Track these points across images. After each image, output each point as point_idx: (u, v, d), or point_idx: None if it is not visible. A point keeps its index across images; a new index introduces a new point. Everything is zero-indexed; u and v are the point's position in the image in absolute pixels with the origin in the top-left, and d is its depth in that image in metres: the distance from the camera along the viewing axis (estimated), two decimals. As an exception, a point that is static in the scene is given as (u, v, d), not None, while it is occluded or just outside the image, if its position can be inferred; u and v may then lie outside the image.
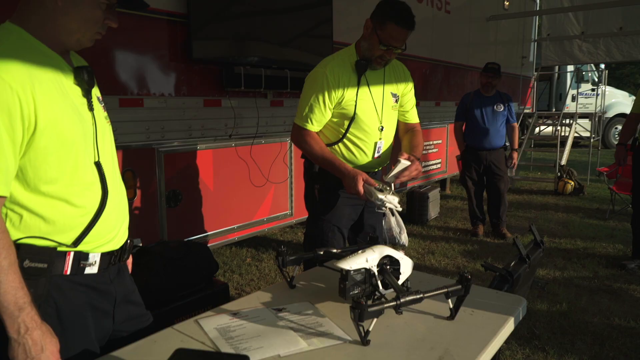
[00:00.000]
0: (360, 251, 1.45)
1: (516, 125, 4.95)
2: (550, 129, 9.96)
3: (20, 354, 1.05)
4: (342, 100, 2.09)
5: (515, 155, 5.00)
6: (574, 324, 2.94)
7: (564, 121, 8.75)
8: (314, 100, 2.08)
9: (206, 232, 3.27)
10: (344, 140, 2.16)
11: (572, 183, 6.94)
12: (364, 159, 2.20)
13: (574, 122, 8.65)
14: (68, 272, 1.19)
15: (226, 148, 3.34)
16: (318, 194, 2.24)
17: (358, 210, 2.28)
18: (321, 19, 3.86)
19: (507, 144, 5.01)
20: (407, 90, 2.30)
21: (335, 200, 2.21)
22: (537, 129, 9.93)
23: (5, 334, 1.05)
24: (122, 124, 2.71)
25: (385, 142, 2.24)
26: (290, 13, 3.61)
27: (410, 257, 4.48)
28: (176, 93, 3.04)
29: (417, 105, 2.43)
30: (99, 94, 1.32)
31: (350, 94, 2.09)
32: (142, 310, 1.44)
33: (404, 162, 1.97)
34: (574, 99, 11.36)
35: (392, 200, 1.85)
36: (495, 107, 4.71)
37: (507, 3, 7.86)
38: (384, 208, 1.85)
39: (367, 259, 1.42)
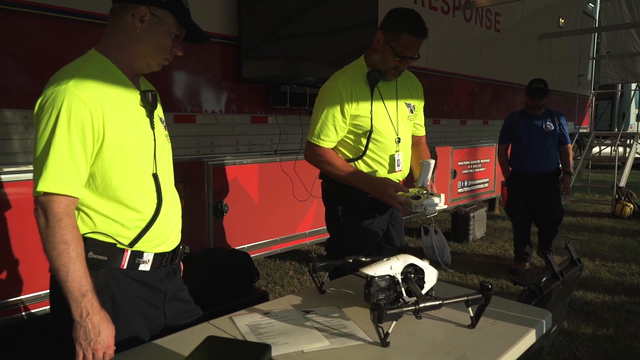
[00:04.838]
0: (385, 259, 1.52)
1: (570, 146, 4.31)
2: (609, 149, 9.55)
3: (81, 335, 1.22)
4: (357, 115, 2.04)
5: (566, 179, 4.34)
6: (620, 349, 2.83)
7: (624, 141, 8.38)
8: (326, 116, 2.03)
9: (250, 242, 3.41)
10: (364, 157, 2.10)
11: (631, 206, 6.61)
12: (383, 173, 2.14)
13: (635, 142, 8.25)
14: (125, 267, 1.36)
15: (271, 163, 3.50)
16: (342, 215, 2.15)
17: (385, 223, 2.22)
18: (365, 39, 3.96)
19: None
20: (419, 102, 2.28)
21: (361, 220, 2.14)
22: (595, 149, 9.54)
23: (71, 317, 1.22)
24: (176, 139, 2.87)
25: (404, 154, 2.18)
26: (334, 34, 3.76)
27: (453, 275, 4.38)
28: (226, 110, 3.24)
29: (464, 124, 2.43)
30: (161, 115, 1.51)
31: (364, 107, 2.05)
32: (191, 305, 1.60)
33: (430, 162, 1.95)
34: (638, 118, 10.79)
35: (433, 203, 1.81)
36: (544, 126, 4.16)
37: (562, 20, 7.69)
38: (428, 215, 1.80)
39: (392, 267, 1.49)
